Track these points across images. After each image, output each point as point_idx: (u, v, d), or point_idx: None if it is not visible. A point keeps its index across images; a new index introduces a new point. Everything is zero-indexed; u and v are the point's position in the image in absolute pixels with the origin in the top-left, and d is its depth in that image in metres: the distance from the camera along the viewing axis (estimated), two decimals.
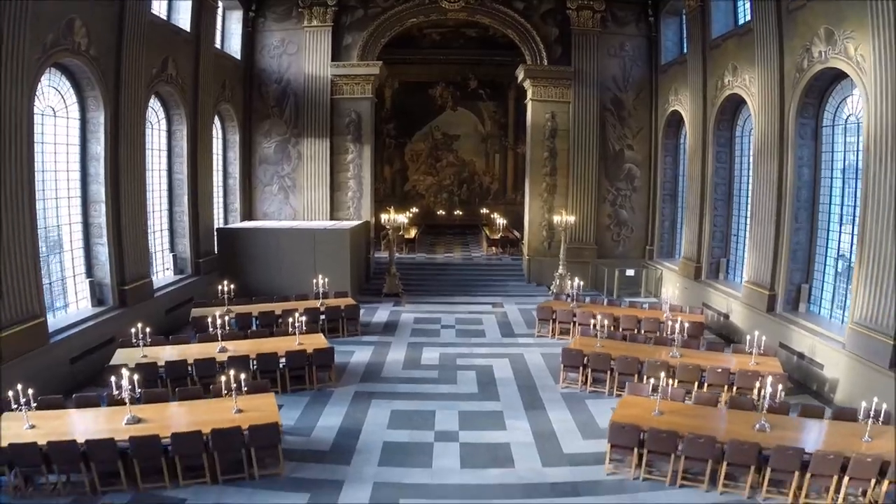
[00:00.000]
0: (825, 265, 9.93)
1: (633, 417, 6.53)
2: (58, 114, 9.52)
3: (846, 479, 5.91)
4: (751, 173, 11.49)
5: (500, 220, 20.03)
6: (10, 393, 6.34)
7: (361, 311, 12.05)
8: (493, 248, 18.75)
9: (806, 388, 9.12)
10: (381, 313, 13.16)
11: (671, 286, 13.36)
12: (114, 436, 6.01)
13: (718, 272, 13.04)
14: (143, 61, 10.69)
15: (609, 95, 15.45)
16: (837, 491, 5.94)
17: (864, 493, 6.03)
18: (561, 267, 14.44)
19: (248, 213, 15.80)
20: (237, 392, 6.65)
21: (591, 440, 7.22)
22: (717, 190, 12.85)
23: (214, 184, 14.49)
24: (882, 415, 6.42)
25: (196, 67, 12.93)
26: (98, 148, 10.01)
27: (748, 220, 11.61)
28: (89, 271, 10.27)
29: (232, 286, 10.86)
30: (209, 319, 9.00)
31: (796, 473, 5.99)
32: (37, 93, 8.55)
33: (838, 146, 9.62)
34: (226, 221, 15.31)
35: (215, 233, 13.94)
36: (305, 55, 15.20)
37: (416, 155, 22.89)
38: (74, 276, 10.04)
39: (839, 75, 9.12)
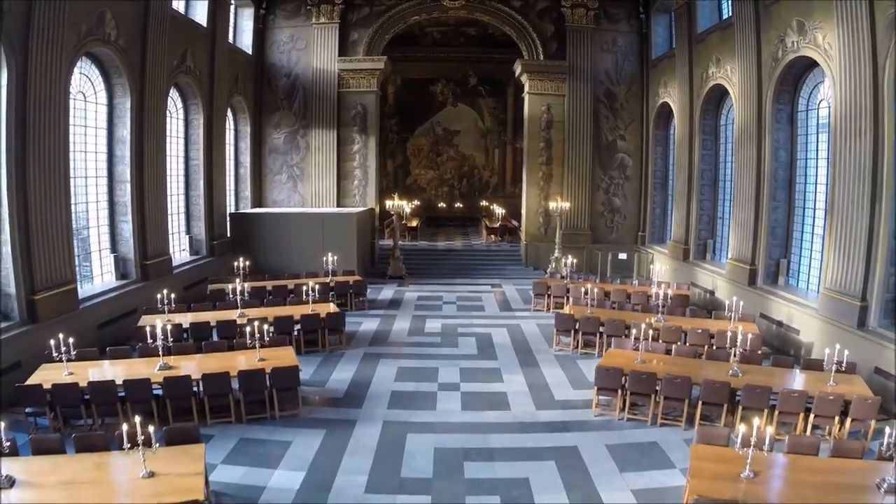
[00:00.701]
0: (802, 240, 10.65)
1: (617, 364, 7.21)
2: (87, 99, 10.27)
3: (811, 416, 6.59)
4: (733, 157, 12.23)
5: (499, 210, 20.76)
6: (52, 342, 7.02)
7: (367, 291, 12.75)
8: (493, 236, 19.49)
9: (783, 353, 9.79)
10: (386, 292, 13.87)
11: (661, 266, 14.04)
12: (149, 378, 6.69)
13: (705, 253, 13.75)
14: (164, 53, 11.46)
15: (602, 88, 16.23)
16: (805, 430, 6.61)
17: (830, 433, 6.70)
18: (557, 251, 15.14)
19: (258, 201, 16.53)
20: (259, 343, 7.33)
21: (580, 390, 7.91)
22: (703, 175, 13.59)
23: (227, 172, 15.22)
24: (844, 363, 7.11)
25: (212, 61, 13.71)
26: (124, 131, 10.75)
27: (732, 201, 12.33)
28: (114, 247, 10.99)
29: (247, 262, 11.55)
30: (228, 287, 9.69)
31: (765, 411, 6.67)
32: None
33: (812, 129, 10.37)
34: (237, 208, 16.03)
35: (228, 217, 14.66)
36: (313, 51, 15.99)
37: (418, 150, 23.65)
38: (100, 251, 10.76)
39: (811, 64, 9.87)
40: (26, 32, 7.99)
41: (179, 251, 13.48)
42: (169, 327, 7.25)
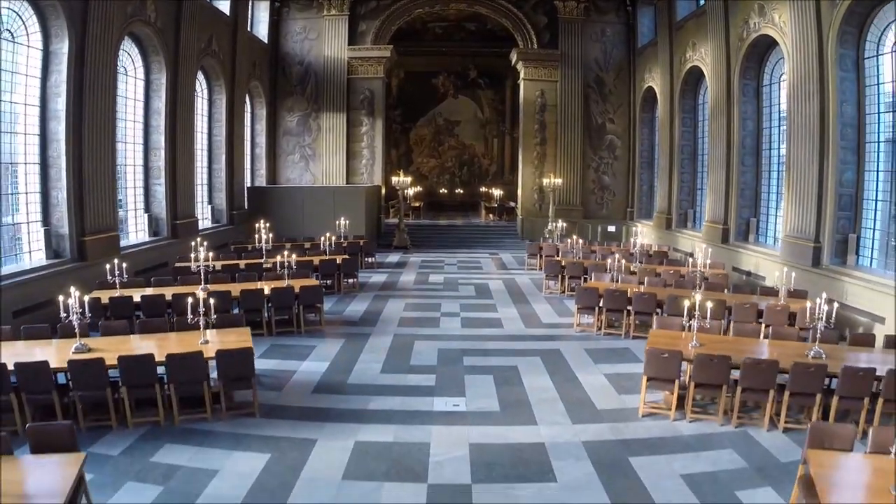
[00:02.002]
0: (768, 201, 11.82)
1: (595, 286, 8.34)
2: (128, 73, 11.52)
3: (763, 326, 7.68)
4: (708, 131, 13.44)
5: (498, 192, 21.97)
6: (107, 266, 8.16)
7: (374, 259, 13.91)
8: (491, 215, 20.72)
9: None
10: (393, 257, 15.05)
11: (644, 229, 15.25)
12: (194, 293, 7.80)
13: (686, 222, 14.92)
14: (194, 36, 12.74)
15: (592, 75, 17.51)
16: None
17: None
18: (550, 223, 16.28)
19: (272, 179, 17.73)
20: (287, 272, 8.46)
21: (565, 317, 9.05)
22: (683, 150, 14.80)
23: (245, 150, 16.45)
24: (793, 286, 8.21)
25: (233, 46, 15.00)
26: (159, 104, 11.99)
27: (707, 169, 13.51)
28: (147, 207, 12.18)
29: (267, 224, 12.70)
30: (251, 243, 10.83)
31: (722, 321, 7.75)
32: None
33: (775, 100, 11.59)
34: (253, 185, 17.22)
35: (246, 191, 15.85)
36: (325, 40, 17.29)
37: (421, 139, 24.90)
38: (136, 210, 11.95)
39: (773, 43, 11.10)
40: (85, 10, 9.25)
41: (202, 219, 14.62)
42: (211, 254, 8.37)
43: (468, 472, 4.54)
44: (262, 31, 17.28)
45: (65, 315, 5.68)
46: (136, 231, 11.94)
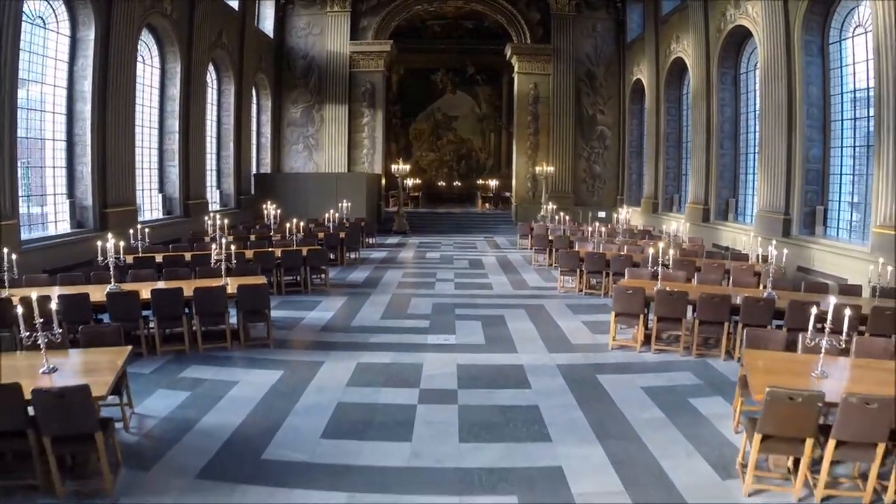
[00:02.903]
0: (746, 182, 12.55)
1: (577, 250, 9.04)
2: (145, 62, 12.32)
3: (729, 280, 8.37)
4: (690, 117, 14.21)
5: (494, 183, 22.71)
6: (130, 231, 8.90)
7: (374, 240, 14.64)
8: (487, 204, 21.46)
9: None
10: (392, 239, 15.77)
11: (631, 209, 15.96)
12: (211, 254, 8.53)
13: (672, 206, 15.64)
14: (206, 29, 13.57)
15: (583, 69, 18.31)
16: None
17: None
18: (543, 210, 17.01)
19: (276, 168, 18.49)
20: (295, 239, 9.19)
21: (550, 283, 9.75)
22: (668, 139, 15.56)
23: (251, 139, 17.23)
24: (758, 245, 8.91)
25: (241, 40, 15.83)
26: (174, 90, 12.79)
27: (690, 154, 14.26)
28: (161, 187, 12.94)
29: (274, 205, 13.45)
30: (259, 223, 11.56)
31: (692, 280, 8.45)
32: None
33: (751, 87, 12.35)
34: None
35: (253, 177, 16.61)
36: (328, 35, 18.12)
37: (420, 134, 25.65)
38: (151, 190, 12.70)
39: (748, 33, 11.88)
40: (109, 0, 10.05)
41: (211, 203, 15.38)
42: (226, 221, 9.10)
43: (455, 381, 5.25)
44: (268, 26, 18.13)
45: (102, 258, 6.39)
46: (150, 210, 12.70)
